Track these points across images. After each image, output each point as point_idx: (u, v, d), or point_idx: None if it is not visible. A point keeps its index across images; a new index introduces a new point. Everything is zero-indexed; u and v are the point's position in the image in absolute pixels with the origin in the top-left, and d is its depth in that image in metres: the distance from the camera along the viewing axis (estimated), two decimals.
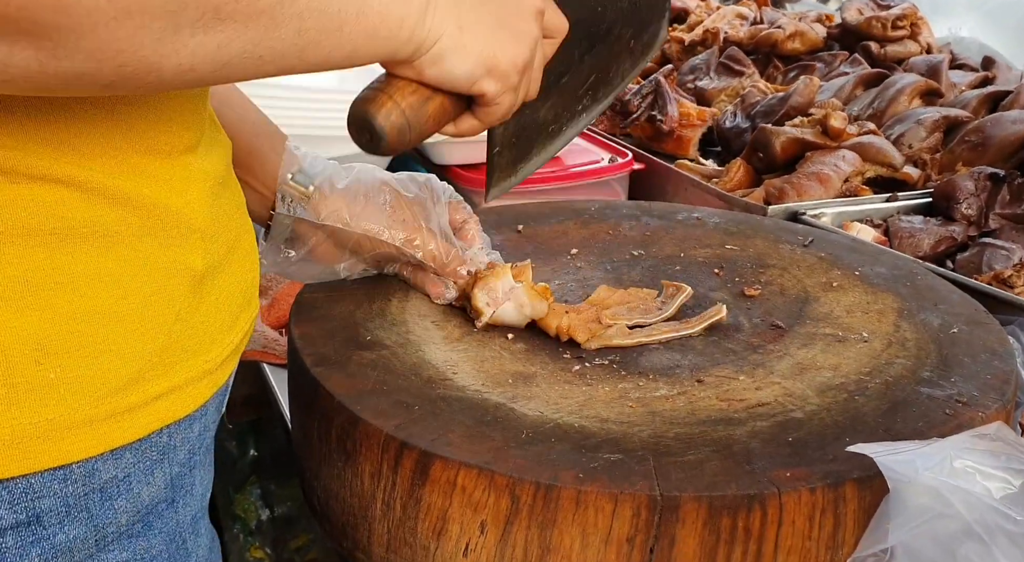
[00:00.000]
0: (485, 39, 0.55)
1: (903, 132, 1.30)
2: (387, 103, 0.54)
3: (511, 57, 0.56)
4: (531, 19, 0.58)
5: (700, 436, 0.57)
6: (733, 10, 2.05)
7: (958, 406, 0.60)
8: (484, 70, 0.55)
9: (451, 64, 0.54)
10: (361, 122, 0.55)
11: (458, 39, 0.53)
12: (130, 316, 0.49)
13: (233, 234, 0.57)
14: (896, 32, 1.74)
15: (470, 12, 0.54)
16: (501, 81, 0.57)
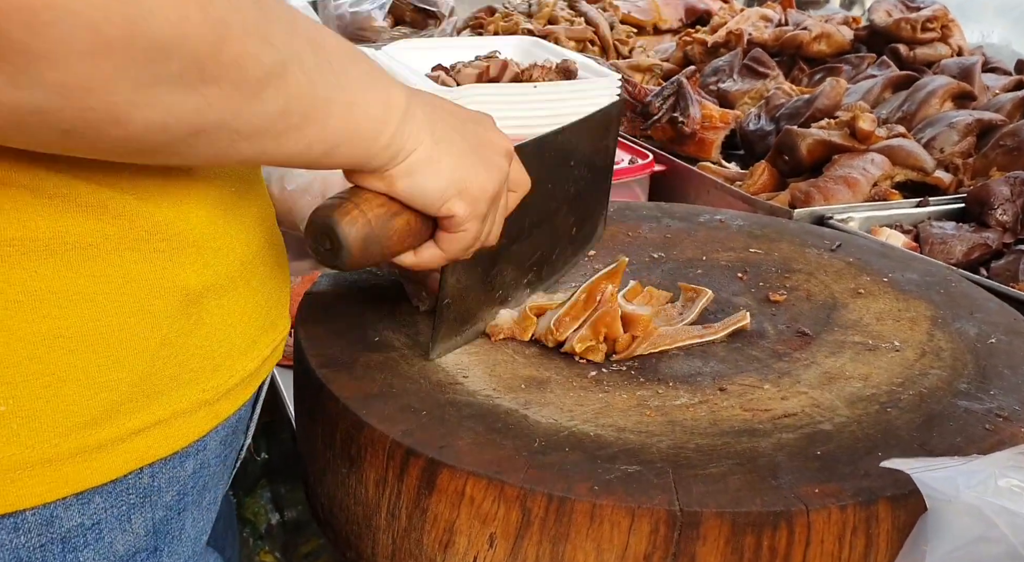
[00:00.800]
0: (459, 159, 0.52)
1: (934, 135, 1.26)
2: (352, 211, 0.51)
3: (482, 182, 0.53)
4: (502, 155, 0.56)
5: (723, 448, 0.54)
6: (757, 12, 2.02)
7: (998, 421, 0.57)
8: (455, 190, 0.52)
9: (424, 178, 0.51)
10: (322, 229, 0.51)
11: (432, 153, 0.51)
12: (103, 340, 0.43)
13: (253, 248, 0.53)
14: (926, 34, 1.70)
15: (445, 130, 0.52)
16: (471, 205, 0.53)
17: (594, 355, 0.64)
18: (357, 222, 0.50)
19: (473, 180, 0.53)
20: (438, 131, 0.51)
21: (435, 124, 0.51)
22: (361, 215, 0.51)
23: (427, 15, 2.08)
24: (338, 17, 1.97)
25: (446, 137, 0.52)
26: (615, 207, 0.97)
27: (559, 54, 1.28)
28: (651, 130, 1.51)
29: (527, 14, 1.91)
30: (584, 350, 0.63)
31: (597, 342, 0.64)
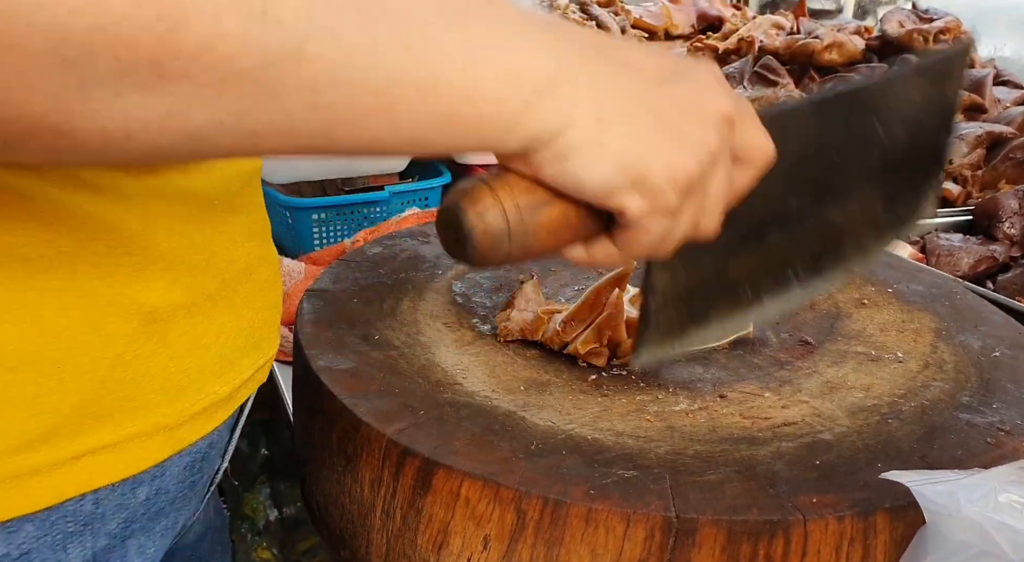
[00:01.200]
0: (634, 138, 0.39)
1: None
2: (486, 198, 0.40)
3: (669, 166, 0.40)
4: (710, 125, 0.41)
5: (721, 455, 0.53)
6: (769, 20, 2.02)
7: (1000, 435, 0.56)
8: (626, 179, 0.39)
9: (579, 165, 0.39)
10: (448, 217, 0.41)
11: (594, 134, 0.38)
12: (47, 359, 0.39)
13: (238, 266, 0.48)
14: (938, 45, 1.69)
15: (619, 101, 0.39)
16: (650, 198, 0.40)
17: (597, 359, 0.63)
18: (489, 212, 0.40)
19: (655, 165, 0.40)
20: (608, 103, 0.39)
21: (605, 93, 0.39)
22: (495, 204, 0.40)
23: None
24: None
25: (620, 110, 0.39)
26: None
27: None
28: None
29: None
30: (587, 353, 0.63)
31: (600, 345, 0.63)
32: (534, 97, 0.37)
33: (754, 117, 0.45)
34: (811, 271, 0.57)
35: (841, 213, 0.57)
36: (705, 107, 0.41)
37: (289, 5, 0.30)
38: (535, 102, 0.37)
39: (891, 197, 0.61)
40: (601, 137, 0.39)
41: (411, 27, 0.34)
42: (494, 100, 0.36)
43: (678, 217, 0.42)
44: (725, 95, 0.43)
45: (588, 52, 0.39)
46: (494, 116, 0.37)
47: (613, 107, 0.39)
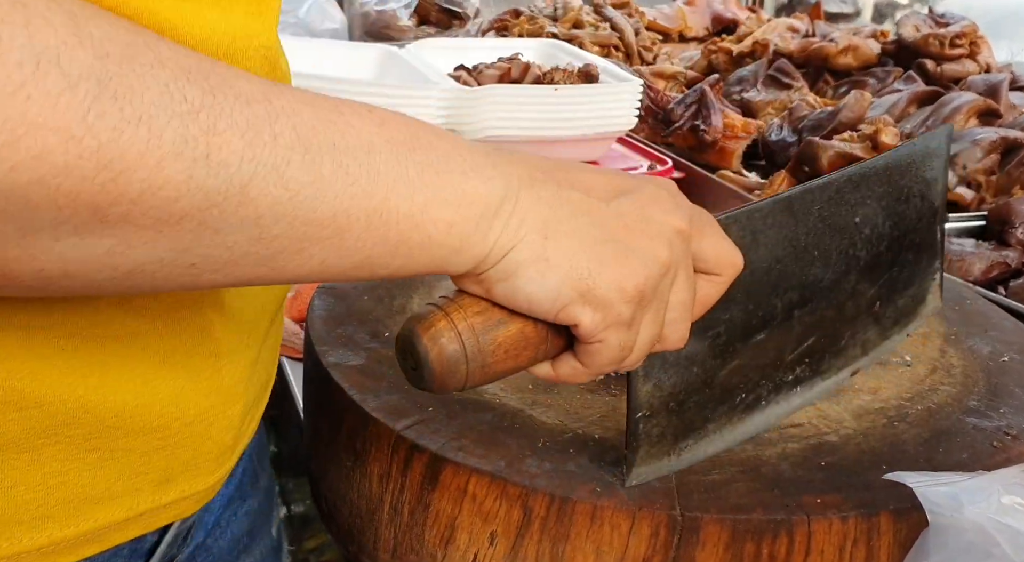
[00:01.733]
0: (580, 252, 0.40)
1: (957, 152, 1.25)
2: (439, 322, 0.40)
3: (615, 278, 0.40)
4: (660, 238, 0.41)
5: (727, 455, 0.54)
6: (784, 22, 2.01)
7: (1006, 439, 0.56)
8: (574, 292, 0.40)
9: (528, 281, 0.39)
10: (404, 344, 0.41)
11: (540, 250, 0.39)
12: None
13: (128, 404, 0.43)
14: (954, 50, 1.68)
15: (565, 218, 0.40)
16: (601, 311, 0.40)
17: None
18: (443, 336, 0.40)
19: (602, 276, 0.40)
20: (554, 220, 0.40)
21: (551, 211, 0.40)
22: (449, 327, 0.40)
23: (452, 15, 2.09)
24: (363, 15, 1.99)
25: (566, 226, 0.40)
26: None
27: (581, 58, 1.28)
28: (672, 137, 1.51)
29: (552, 18, 1.91)
30: None
31: None
32: (482, 220, 0.38)
33: (714, 227, 0.45)
34: (811, 371, 0.57)
35: (832, 309, 0.57)
36: (655, 222, 0.42)
37: (233, 147, 0.31)
38: (483, 224, 0.38)
39: (887, 291, 0.60)
40: (547, 253, 0.39)
41: (358, 160, 0.34)
42: (443, 225, 0.37)
43: (634, 328, 0.42)
44: (676, 209, 0.43)
45: (535, 174, 0.40)
46: (443, 240, 0.37)
47: (559, 224, 0.40)
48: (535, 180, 0.40)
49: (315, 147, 0.33)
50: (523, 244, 0.39)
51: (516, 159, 0.41)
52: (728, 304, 0.47)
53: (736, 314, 0.50)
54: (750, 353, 0.53)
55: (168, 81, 0.29)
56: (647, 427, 0.49)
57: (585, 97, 1.15)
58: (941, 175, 0.65)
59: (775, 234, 0.51)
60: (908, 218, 0.61)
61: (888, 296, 0.61)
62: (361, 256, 0.36)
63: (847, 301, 0.58)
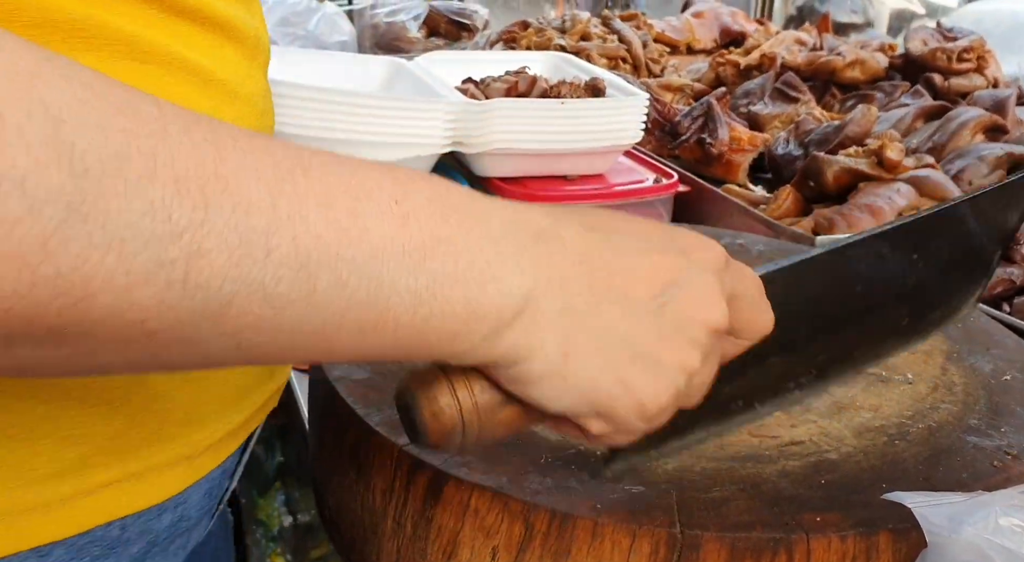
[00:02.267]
0: (603, 372, 0.37)
1: (963, 167, 1.25)
2: (444, 396, 0.38)
3: (638, 401, 0.38)
4: (695, 344, 0.39)
5: (728, 472, 0.54)
6: (792, 35, 2.02)
7: (1007, 459, 0.57)
8: (589, 409, 0.39)
9: (540, 393, 0.38)
10: (403, 403, 0.40)
11: (558, 367, 0.37)
12: (83, 395, 0.40)
13: None
14: (961, 65, 1.69)
15: (592, 333, 0.37)
16: (613, 425, 0.40)
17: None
18: (444, 413, 0.38)
19: (622, 399, 0.38)
20: (579, 336, 0.37)
21: (577, 325, 0.37)
22: (452, 405, 0.38)
23: (461, 27, 2.10)
24: (373, 27, 2.00)
25: (591, 344, 0.37)
26: None
27: (588, 71, 1.29)
28: (679, 150, 1.52)
29: (560, 30, 1.92)
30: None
31: None
32: (492, 333, 0.35)
33: (753, 292, 0.43)
34: (816, 379, 0.56)
35: (858, 330, 0.55)
36: (693, 325, 0.39)
37: (216, 268, 0.28)
38: (492, 337, 0.35)
39: (920, 308, 0.58)
40: (566, 372, 0.37)
41: (362, 271, 0.31)
42: (447, 335, 0.34)
43: (646, 428, 0.41)
44: (719, 301, 0.40)
45: (569, 272, 0.37)
46: (445, 348, 0.35)
47: (584, 341, 0.37)
48: (567, 281, 0.37)
49: (314, 261, 0.30)
50: (539, 358, 0.36)
51: (556, 248, 0.37)
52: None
53: (754, 348, 0.48)
54: (759, 372, 0.51)
55: (154, 198, 0.27)
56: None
57: (592, 111, 1.16)
58: (1018, 214, 0.62)
59: (819, 284, 0.50)
60: (969, 246, 0.59)
61: (920, 312, 0.58)
62: (351, 355, 0.34)
63: (877, 323, 0.56)
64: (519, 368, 0.37)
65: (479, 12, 2.14)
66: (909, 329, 0.58)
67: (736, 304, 0.42)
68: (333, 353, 0.34)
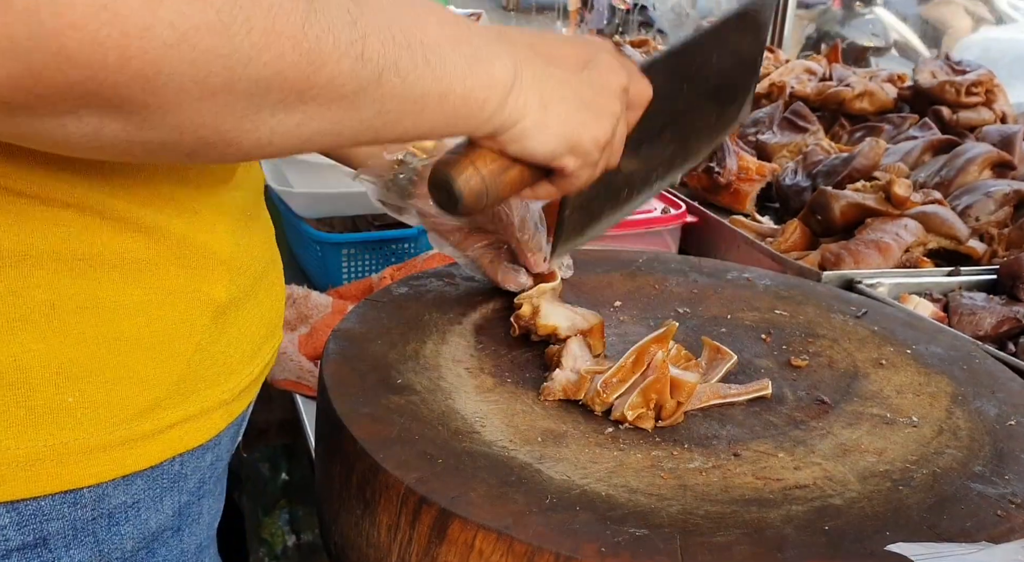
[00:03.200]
0: (568, 118, 0.56)
1: (971, 203, 1.26)
2: (468, 168, 0.57)
3: (593, 135, 0.57)
4: (614, 97, 0.59)
5: (732, 516, 0.54)
6: (802, 65, 2.03)
7: (1011, 507, 0.57)
8: (566, 148, 0.56)
9: (533, 142, 0.55)
10: (441, 183, 0.58)
11: (541, 118, 0.54)
12: (152, 344, 0.49)
13: (260, 266, 0.58)
14: (970, 98, 1.70)
15: (555, 90, 0.55)
16: (582, 157, 0.58)
17: (645, 422, 0.64)
18: (472, 179, 0.57)
19: (584, 135, 0.56)
20: (547, 95, 0.54)
21: (544, 88, 0.54)
22: (475, 172, 0.57)
23: None
24: None
25: (555, 99, 0.55)
26: (645, 257, 0.98)
27: None
28: (687, 178, 1.53)
29: None
30: (635, 418, 0.63)
31: (648, 409, 0.64)
32: (502, 97, 0.52)
33: (638, 73, 0.63)
34: (668, 168, 0.78)
35: (689, 125, 0.77)
36: (611, 84, 0.59)
37: (375, 48, 0.43)
38: (503, 100, 0.52)
39: (722, 106, 0.82)
40: (546, 120, 0.55)
41: (435, 53, 0.47)
42: (481, 101, 0.51)
43: (598, 165, 0.61)
44: (621, 70, 0.60)
45: (527, 55, 0.54)
46: (479, 113, 0.51)
47: (551, 96, 0.55)
48: (528, 59, 0.54)
49: (413, 45, 0.46)
50: (529, 115, 0.54)
51: (514, 40, 0.55)
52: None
53: (632, 135, 0.65)
54: (634, 161, 0.70)
55: (342, 3, 0.41)
56: (569, 220, 0.70)
57: None
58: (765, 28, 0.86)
59: (665, 78, 0.67)
60: (742, 56, 0.82)
61: (722, 109, 0.82)
62: (430, 125, 0.49)
63: (697, 117, 0.78)
64: (518, 127, 0.54)
65: None
66: (716, 127, 0.83)
67: (631, 82, 0.61)
68: (421, 120, 0.48)
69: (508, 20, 2.02)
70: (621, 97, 0.60)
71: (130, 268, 0.48)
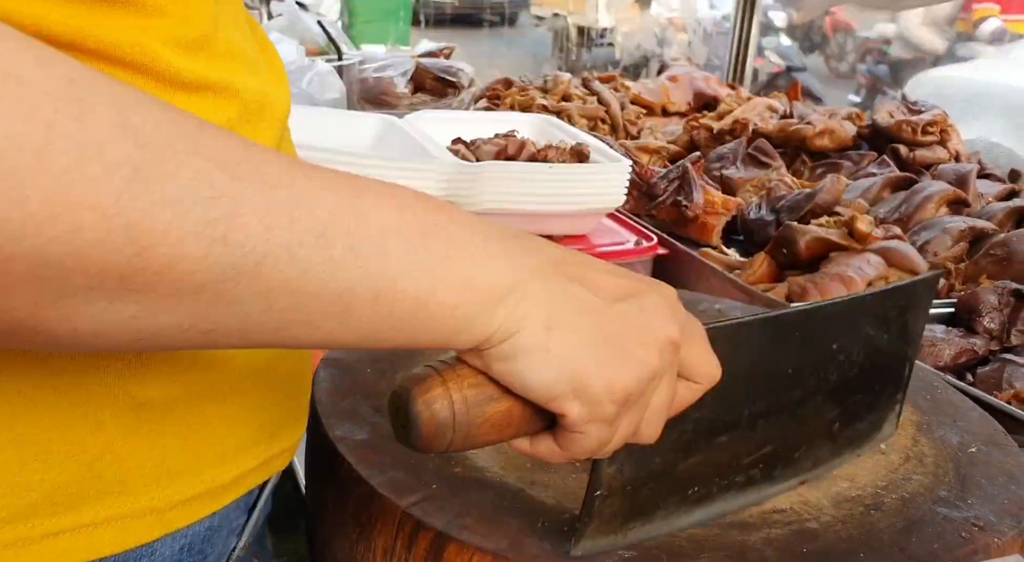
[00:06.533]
0: (579, 349, 0.42)
1: (929, 239, 1.31)
2: (435, 388, 0.42)
3: (609, 381, 0.43)
4: (654, 347, 0.44)
5: (715, 538, 0.57)
6: (764, 102, 2.10)
7: (974, 530, 0.60)
8: (568, 386, 0.42)
9: (526, 367, 0.42)
10: (398, 402, 0.43)
11: (542, 340, 0.42)
12: (35, 441, 0.41)
13: (260, 357, 0.50)
14: (926, 137, 1.77)
15: (569, 313, 0.42)
16: (589, 407, 0.43)
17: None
18: (436, 402, 0.42)
19: (596, 378, 0.43)
20: (558, 314, 0.42)
21: (556, 304, 0.42)
22: (444, 394, 0.42)
23: (447, 85, 2.15)
24: (362, 81, 2.05)
25: (569, 322, 0.42)
26: None
27: (573, 136, 1.34)
28: (656, 210, 1.57)
29: (542, 89, 1.98)
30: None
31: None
32: (487, 305, 0.40)
33: (702, 338, 0.49)
34: (763, 476, 0.60)
35: (795, 424, 0.60)
36: (652, 330, 0.44)
37: (250, 229, 0.34)
38: (487, 309, 0.40)
39: (848, 414, 0.64)
40: (548, 344, 0.42)
41: (371, 244, 0.37)
42: (448, 307, 0.40)
43: (616, 425, 0.45)
44: (672, 320, 0.45)
45: (546, 267, 0.43)
46: (447, 321, 0.40)
47: (563, 318, 0.42)
48: (546, 273, 0.43)
49: (330, 231, 0.36)
50: (527, 331, 0.41)
51: (533, 248, 0.43)
52: (700, 405, 0.50)
53: (705, 415, 0.53)
54: (710, 452, 0.56)
55: (199, 169, 0.33)
56: (602, 506, 0.52)
57: (578, 176, 1.20)
58: (921, 321, 0.69)
59: (756, 349, 0.55)
60: (882, 352, 0.66)
61: (848, 420, 0.65)
62: (367, 330, 0.39)
63: (810, 419, 0.62)
64: (509, 342, 0.41)
65: (465, 70, 2.20)
66: (842, 438, 0.64)
67: (687, 343, 0.47)
68: (350, 325, 0.38)
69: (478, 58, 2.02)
70: (664, 349, 0.45)
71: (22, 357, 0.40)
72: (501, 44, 8.59)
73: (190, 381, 0.46)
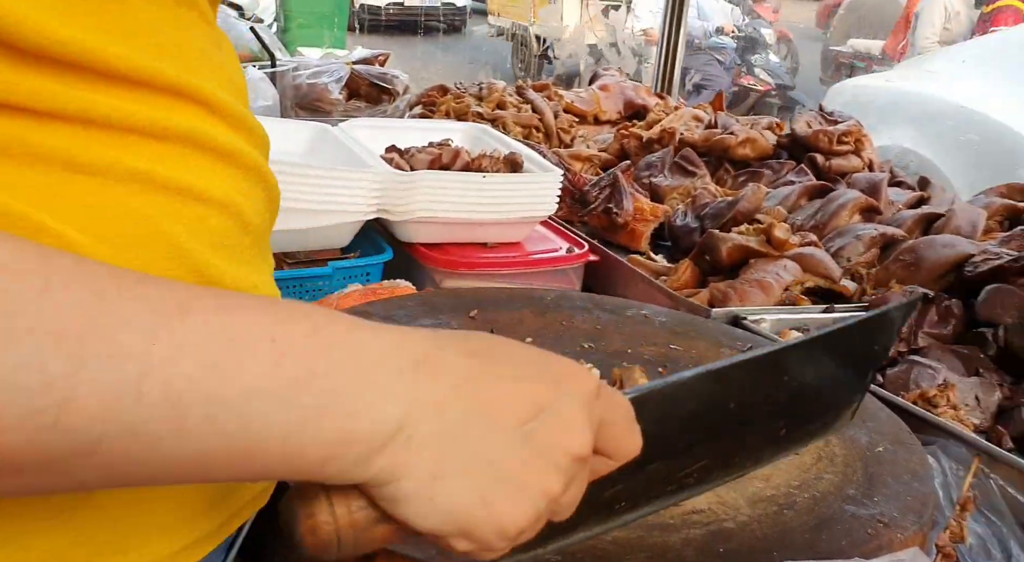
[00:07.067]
0: (465, 497, 0.40)
1: (842, 246, 1.38)
2: (322, 513, 0.40)
3: (499, 524, 0.40)
4: (557, 468, 0.42)
5: (637, 541, 0.60)
6: (690, 112, 2.16)
7: (879, 526, 0.64)
8: (455, 530, 0.40)
9: (407, 510, 0.40)
10: (284, 518, 0.41)
11: (425, 490, 0.39)
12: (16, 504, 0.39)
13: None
14: (841, 147, 1.84)
15: (460, 456, 0.40)
16: (477, 544, 0.41)
17: None
18: (320, 528, 0.40)
19: (485, 522, 0.40)
20: (446, 460, 0.39)
21: (445, 450, 0.39)
22: (329, 519, 0.40)
23: (382, 91, 2.16)
24: (295, 87, 2.04)
25: (455, 469, 0.40)
26: (553, 295, 1.04)
27: (507, 145, 1.36)
28: (587, 217, 1.61)
29: (477, 97, 2.00)
30: None
31: None
32: (362, 456, 0.38)
33: (626, 417, 0.46)
34: (696, 481, 0.57)
35: (736, 441, 0.58)
36: (557, 451, 0.42)
37: (87, 412, 0.31)
38: (362, 460, 0.38)
39: (797, 420, 0.61)
40: (432, 494, 0.39)
41: (233, 409, 0.34)
42: (317, 461, 0.37)
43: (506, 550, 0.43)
44: (584, 428, 0.43)
45: (447, 397, 0.40)
46: (316, 471, 0.38)
47: (452, 464, 0.40)
48: (443, 405, 0.40)
49: (185, 401, 0.33)
50: (409, 478, 0.39)
51: (439, 372, 0.40)
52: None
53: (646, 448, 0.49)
54: (641, 476, 0.52)
55: (32, 350, 0.30)
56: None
57: (511, 185, 1.23)
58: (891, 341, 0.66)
59: (694, 399, 0.53)
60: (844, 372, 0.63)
61: (797, 424, 0.61)
62: (227, 479, 0.37)
63: (756, 435, 0.59)
64: (389, 488, 0.39)
65: (400, 77, 2.21)
66: (787, 439, 0.61)
67: (606, 429, 0.45)
68: (208, 478, 0.37)
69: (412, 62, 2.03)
70: (572, 465, 0.42)
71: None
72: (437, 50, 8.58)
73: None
